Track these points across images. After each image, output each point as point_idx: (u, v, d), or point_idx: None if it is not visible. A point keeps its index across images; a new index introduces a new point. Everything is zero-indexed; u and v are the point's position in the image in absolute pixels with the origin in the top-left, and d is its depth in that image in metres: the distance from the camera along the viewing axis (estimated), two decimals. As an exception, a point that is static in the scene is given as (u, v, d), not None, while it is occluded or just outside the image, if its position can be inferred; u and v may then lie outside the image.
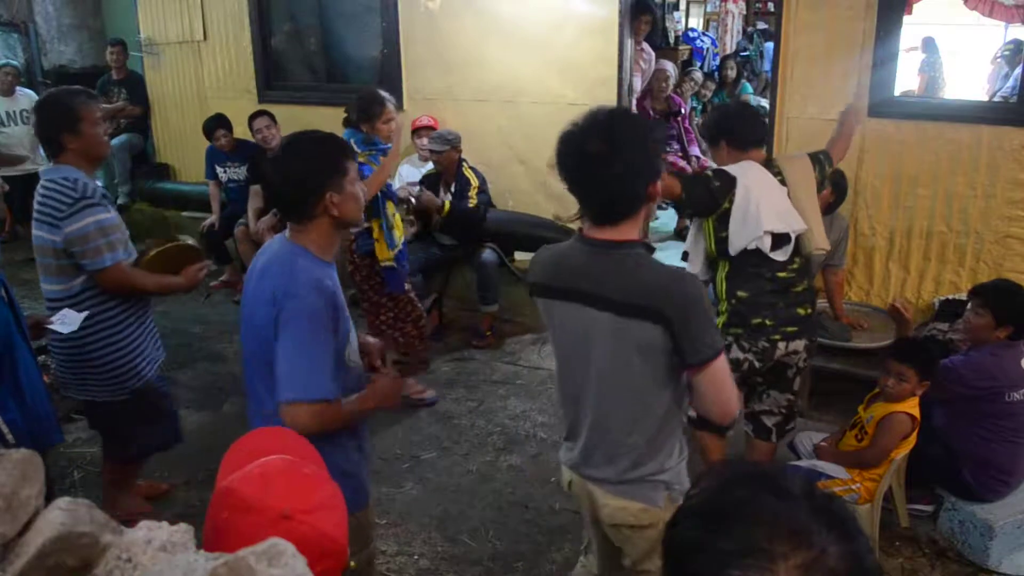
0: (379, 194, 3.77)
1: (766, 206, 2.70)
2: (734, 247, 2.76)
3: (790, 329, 2.82)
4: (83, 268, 2.67)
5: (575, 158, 1.78)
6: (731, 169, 2.78)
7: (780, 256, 2.77)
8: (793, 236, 2.76)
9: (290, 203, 1.92)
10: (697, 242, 2.98)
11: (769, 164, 2.86)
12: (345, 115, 4.38)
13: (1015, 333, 2.95)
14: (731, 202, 2.72)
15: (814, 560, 0.77)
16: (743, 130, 2.87)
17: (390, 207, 3.91)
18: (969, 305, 3.06)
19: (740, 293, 2.82)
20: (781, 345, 2.82)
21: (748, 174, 2.75)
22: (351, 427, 2.00)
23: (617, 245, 1.78)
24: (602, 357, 1.82)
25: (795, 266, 2.82)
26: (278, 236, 2.01)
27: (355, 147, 3.48)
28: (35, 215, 2.70)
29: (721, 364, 1.75)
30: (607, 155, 1.72)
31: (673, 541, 0.86)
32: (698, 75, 7.04)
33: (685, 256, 3.30)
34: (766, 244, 2.73)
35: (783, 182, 2.81)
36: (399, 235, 3.96)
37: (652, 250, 1.95)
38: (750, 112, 3.16)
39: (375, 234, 3.86)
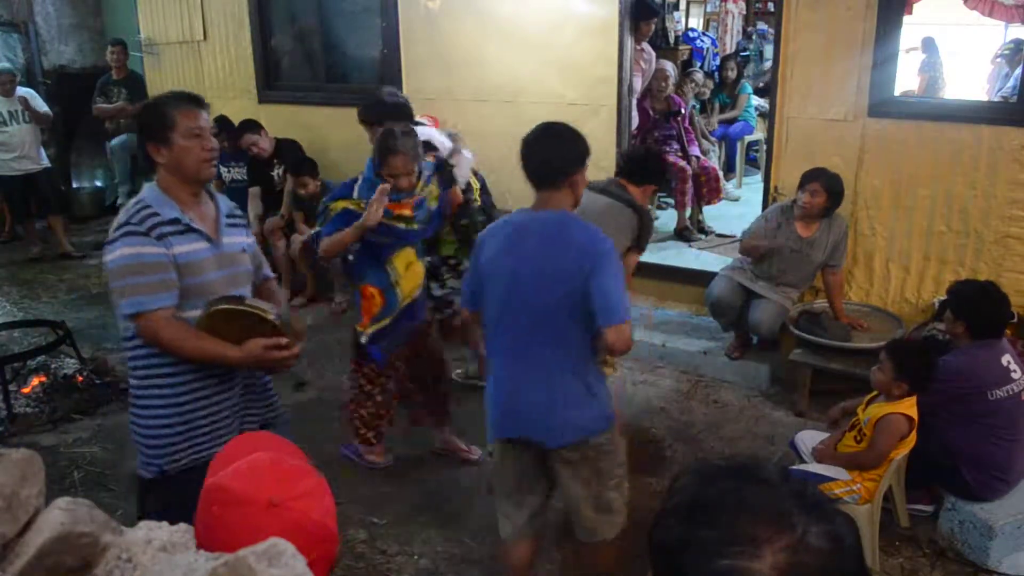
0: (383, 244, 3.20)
1: None
2: None
3: None
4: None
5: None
6: None
7: None
8: None
9: (545, 176, 2.33)
10: None
11: None
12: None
13: (978, 331, 3.01)
14: None
15: (798, 542, 0.80)
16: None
17: (402, 257, 3.26)
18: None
19: None
20: None
21: None
22: None
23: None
24: None
25: None
26: (520, 212, 2.39)
27: (358, 190, 3.22)
28: None
29: None
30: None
31: (659, 540, 0.88)
32: (699, 76, 7.03)
33: None
34: None
35: None
36: (408, 289, 3.27)
37: None
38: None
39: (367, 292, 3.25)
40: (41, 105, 6.43)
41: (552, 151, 2.34)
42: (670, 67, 6.06)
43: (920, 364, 2.88)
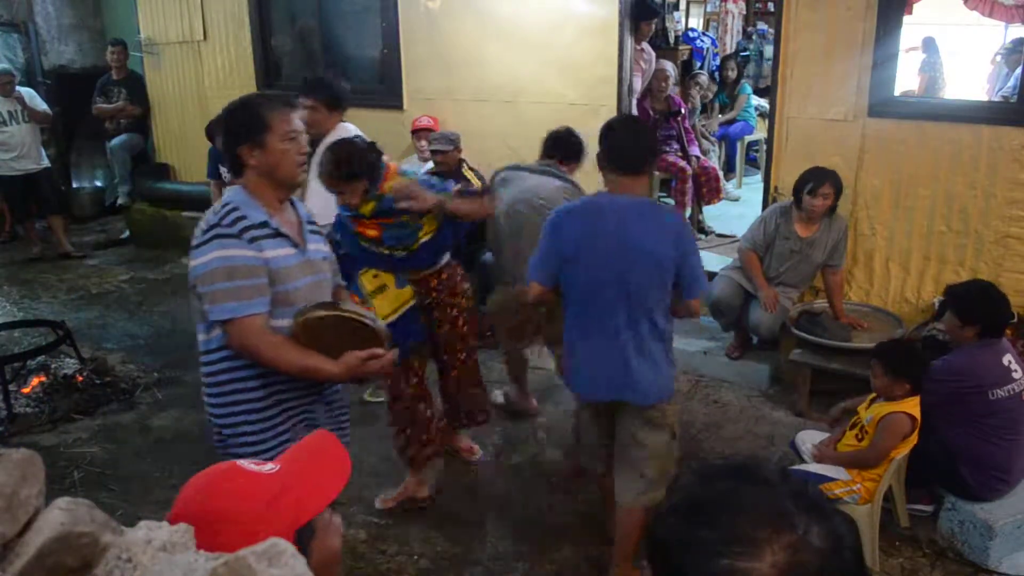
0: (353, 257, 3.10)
1: None
2: None
3: None
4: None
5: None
6: None
7: None
8: None
9: (637, 162, 2.55)
10: None
11: None
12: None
13: (984, 332, 2.99)
14: None
15: (798, 541, 0.81)
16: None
17: (369, 277, 3.10)
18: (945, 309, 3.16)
19: None
20: None
21: None
22: None
23: None
24: None
25: None
26: (603, 195, 2.62)
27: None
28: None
29: None
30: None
31: (659, 539, 0.88)
32: (704, 79, 7.03)
33: None
34: None
35: None
36: (382, 311, 2.99)
37: None
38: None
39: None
40: (40, 104, 6.43)
41: (642, 141, 2.62)
42: (670, 67, 6.06)
43: (910, 360, 2.89)
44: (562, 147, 3.69)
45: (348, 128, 3.71)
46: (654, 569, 0.89)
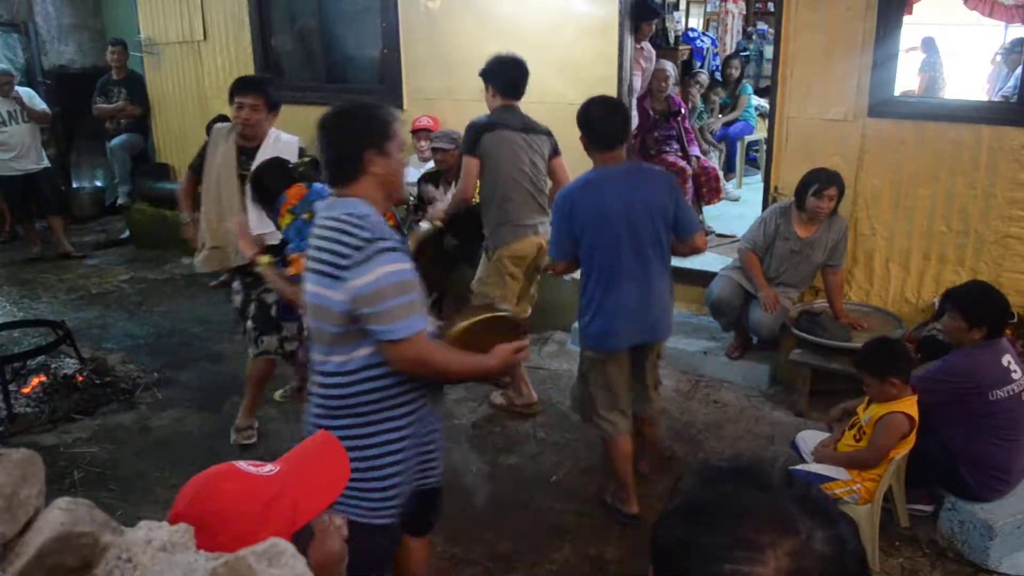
0: None
1: None
2: None
3: None
4: (372, 336, 1.94)
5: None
6: None
7: None
8: None
9: (615, 138, 3.00)
10: None
11: None
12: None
13: (990, 333, 2.99)
14: None
15: (802, 546, 0.80)
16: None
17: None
18: (945, 309, 3.12)
19: None
20: None
21: None
22: None
23: None
24: None
25: None
26: (598, 170, 3.02)
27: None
28: (310, 262, 2.01)
29: None
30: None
31: (661, 543, 0.87)
32: (704, 77, 7.04)
33: None
34: None
35: None
36: None
37: None
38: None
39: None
40: (39, 103, 6.43)
41: (615, 118, 3.03)
42: (670, 67, 6.05)
43: (890, 356, 2.90)
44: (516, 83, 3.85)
45: (282, 137, 3.68)
46: (655, 569, 0.89)
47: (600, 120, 2.98)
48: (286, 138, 3.68)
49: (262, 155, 3.49)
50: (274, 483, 1.19)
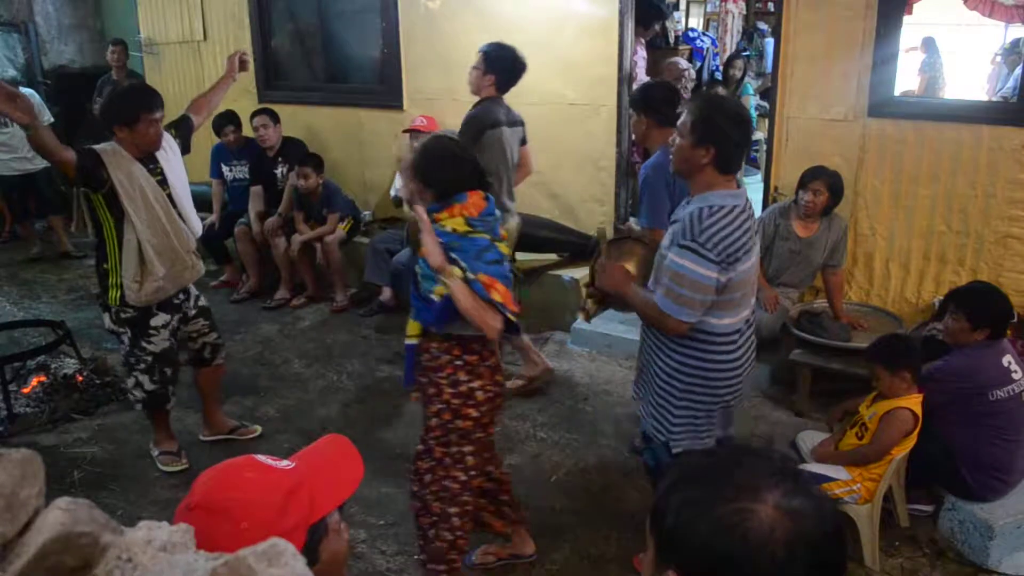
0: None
1: None
2: None
3: None
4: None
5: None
6: None
7: None
8: None
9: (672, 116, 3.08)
10: None
11: None
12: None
13: (993, 334, 2.99)
14: None
15: (792, 490, 0.89)
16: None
17: None
18: (946, 310, 3.11)
19: None
20: None
21: None
22: None
23: None
24: None
25: None
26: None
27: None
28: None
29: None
30: None
31: (662, 508, 0.94)
32: (690, 72, 7.03)
33: None
34: None
35: None
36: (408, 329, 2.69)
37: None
38: None
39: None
40: (45, 114, 6.43)
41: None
42: (684, 63, 6.05)
43: (904, 350, 2.91)
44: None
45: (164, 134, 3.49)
46: (657, 540, 0.94)
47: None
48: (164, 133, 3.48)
49: (163, 157, 3.36)
50: (293, 475, 1.20)
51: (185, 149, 3.57)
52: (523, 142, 4.14)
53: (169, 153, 3.40)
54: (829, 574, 0.90)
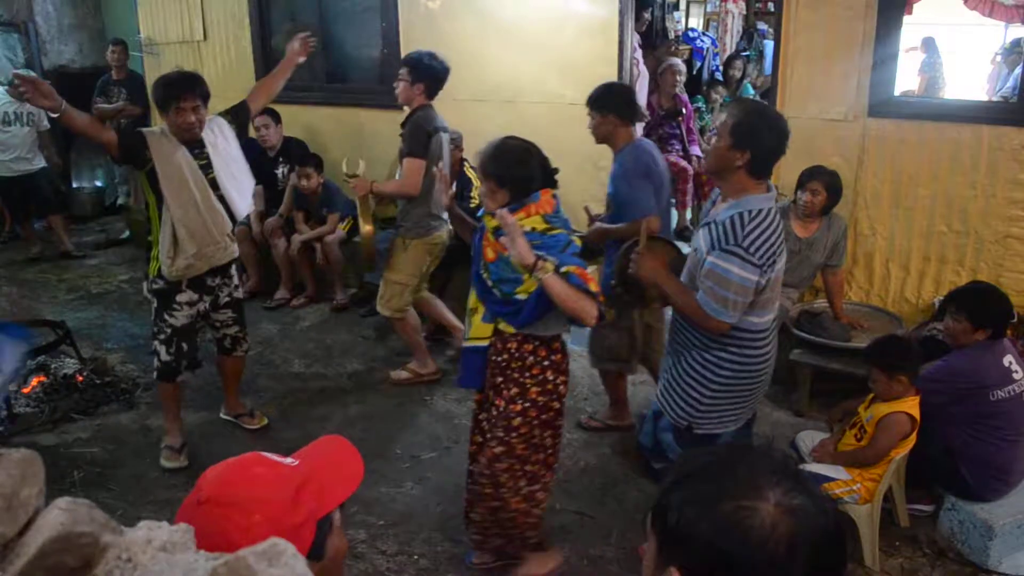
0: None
1: None
2: None
3: None
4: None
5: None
6: None
7: None
8: None
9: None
10: None
11: None
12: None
13: (994, 334, 2.99)
14: None
15: (793, 488, 0.90)
16: None
17: (473, 292, 2.75)
18: (947, 311, 3.10)
19: None
20: None
21: None
22: None
23: None
24: None
25: None
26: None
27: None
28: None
29: None
30: None
31: (664, 504, 0.94)
32: (680, 65, 7.02)
33: None
34: None
35: None
36: (470, 331, 2.76)
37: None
38: None
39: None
40: (43, 122, 6.44)
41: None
42: (680, 64, 6.05)
43: (903, 353, 2.90)
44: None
45: (213, 120, 3.55)
46: (659, 536, 0.94)
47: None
48: (215, 119, 3.56)
49: (211, 141, 3.44)
50: (300, 471, 1.21)
51: (242, 134, 3.69)
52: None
53: (218, 138, 3.50)
54: (830, 573, 0.90)
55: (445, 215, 4.03)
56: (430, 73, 3.97)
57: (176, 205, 3.36)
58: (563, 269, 2.41)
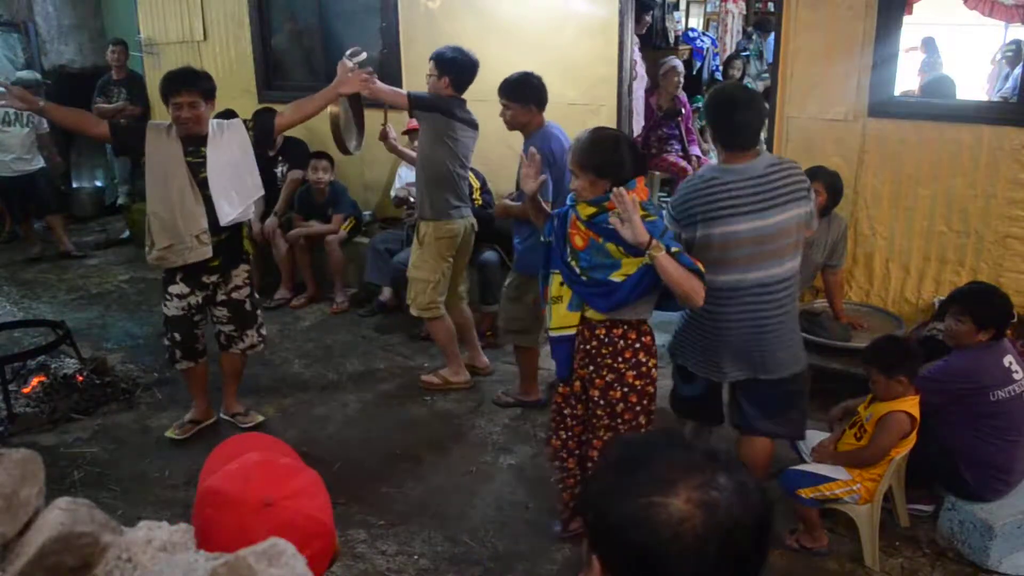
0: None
1: None
2: None
3: None
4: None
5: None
6: None
7: None
8: None
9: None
10: None
11: None
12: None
13: (996, 334, 2.99)
14: None
15: (707, 482, 0.92)
16: None
17: (556, 281, 2.80)
18: (948, 312, 3.09)
19: None
20: None
21: None
22: None
23: None
24: None
25: None
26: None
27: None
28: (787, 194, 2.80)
29: None
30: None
31: (587, 495, 0.99)
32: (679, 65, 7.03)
33: None
34: None
35: None
36: (553, 320, 2.83)
37: None
38: None
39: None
40: (43, 126, 6.45)
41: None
42: (680, 64, 6.06)
43: (902, 354, 2.90)
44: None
45: (224, 122, 3.67)
46: (585, 524, 0.99)
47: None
48: (233, 122, 3.66)
49: (213, 141, 3.50)
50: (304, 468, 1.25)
51: (262, 141, 3.75)
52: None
53: (221, 140, 3.54)
54: (746, 564, 0.93)
55: (466, 208, 4.17)
56: (454, 66, 4.00)
57: (153, 197, 3.50)
58: (673, 250, 2.47)
